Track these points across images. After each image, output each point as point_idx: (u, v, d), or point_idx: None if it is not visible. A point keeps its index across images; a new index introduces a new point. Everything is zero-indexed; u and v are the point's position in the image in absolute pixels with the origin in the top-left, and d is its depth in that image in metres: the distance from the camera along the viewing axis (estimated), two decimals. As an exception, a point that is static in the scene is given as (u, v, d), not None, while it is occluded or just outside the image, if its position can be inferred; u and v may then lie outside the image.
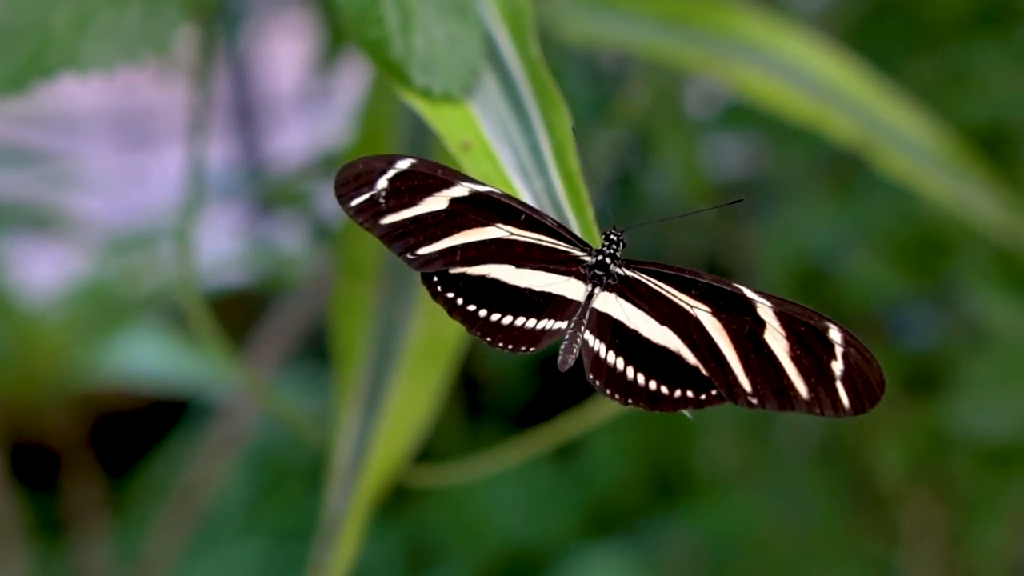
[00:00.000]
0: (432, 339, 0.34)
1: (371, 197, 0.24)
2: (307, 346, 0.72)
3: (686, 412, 0.23)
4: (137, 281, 0.75)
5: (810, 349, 0.22)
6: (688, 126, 0.62)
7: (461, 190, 0.23)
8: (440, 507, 0.84)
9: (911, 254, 0.51)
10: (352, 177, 0.24)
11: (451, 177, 0.24)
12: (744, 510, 0.74)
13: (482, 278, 0.24)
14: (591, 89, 0.63)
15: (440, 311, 0.34)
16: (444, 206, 0.23)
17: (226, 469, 0.71)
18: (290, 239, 0.87)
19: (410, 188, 0.24)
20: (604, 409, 0.40)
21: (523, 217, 0.24)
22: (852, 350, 0.22)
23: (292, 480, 0.90)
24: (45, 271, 0.85)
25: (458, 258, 0.24)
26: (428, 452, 0.38)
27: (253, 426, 0.71)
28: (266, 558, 0.83)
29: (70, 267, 0.79)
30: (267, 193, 0.72)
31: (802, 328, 0.22)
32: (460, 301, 0.24)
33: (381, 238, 0.24)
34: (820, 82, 0.39)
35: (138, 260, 0.75)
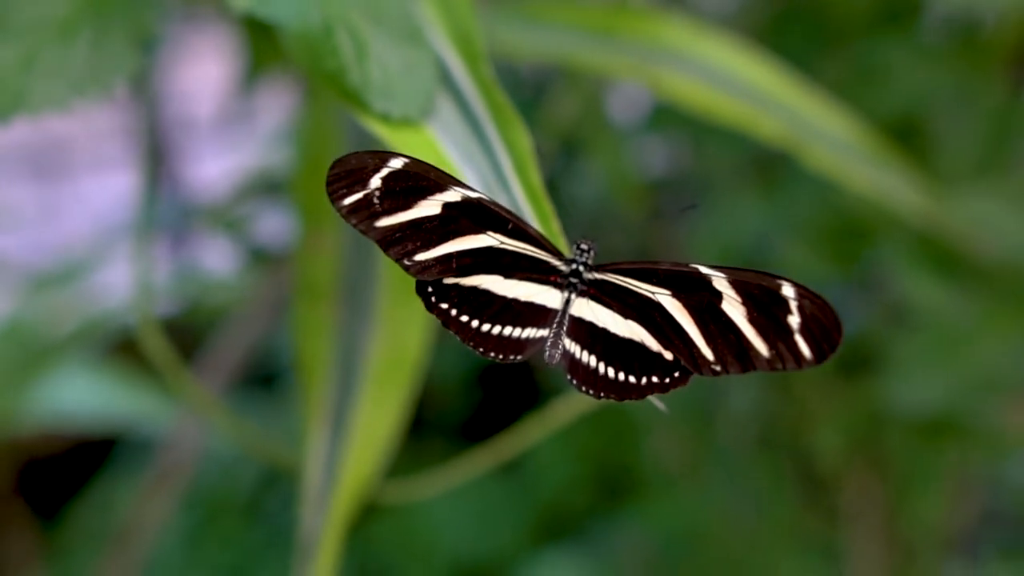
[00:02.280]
0: (394, 355, 0.36)
1: (365, 196, 0.24)
2: (244, 372, 0.72)
3: (653, 399, 0.25)
4: (59, 319, 0.74)
5: (766, 309, 0.24)
6: (613, 130, 0.65)
7: (454, 195, 0.25)
8: (388, 525, 0.84)
9: (836, 242, 0.54)
10: (344, 173, 0.24)
11: (444, 181, 0.24)
12: (691, 505, 0.76)
13: (474, 288, 0.25)
14: (512, 97, 0.65)
15: (400, 327, 0.36)
16: (438, 211, 0.24)
17: (166, 506, 0.71)
18: (215, 266, 0.87)
19: (404, 189, 0.24)
20: (550, 420, 0.42)
21: (510, 226, 0.25)
22: (806, 301, 0.24)
23: (228, 515, 0.89)
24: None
25: (454, 266, 0.25)
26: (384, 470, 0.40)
27: (192, 460, 0.71)
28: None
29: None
30: (193, 218, 0.72)
31: (756, 291, 0.24)
32: (454, 312, 0.25)
33: (377, 242, 0.25)
34: (745, 84, 0.42)
35: (60, 297, 0.75)
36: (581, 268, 0.25)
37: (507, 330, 0.25)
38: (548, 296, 0.25)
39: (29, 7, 0.30)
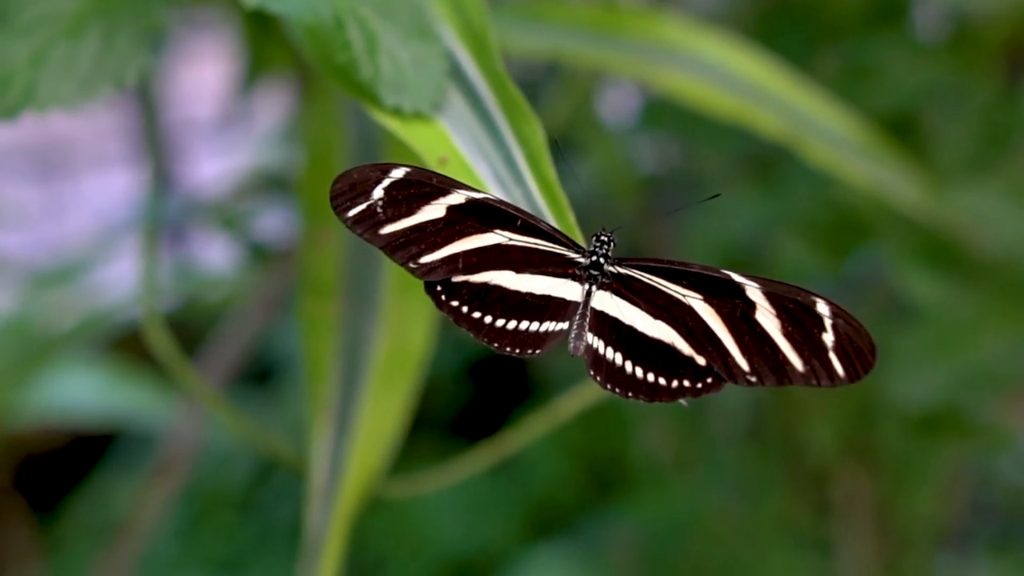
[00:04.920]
0: (397, 351, 0.35)
1: (368, 207, 0.24)
2: (240, 368, 0.72)
3: (683, 401, 0.24)
4: (61, 315, 0.74)
5: (800, 324, 0.23)
6: (606, 130, 0.64)
7: (458, 197, 0.24)
8: (381, 520, 0.84)
9: (831, 237, 0.53)
10: (347, 187, 0.24)
11: (446, 185, 0.24)
12: (682, 499, 0.75)
13: (485, 284, 0.25)
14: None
15: (403, 323, 0.35)
16: (442, 214, 0.24)
17: (163, 500, 0.70)
18: (213, 263, 0.86)
19: (407, 197, 0.24)
20: (547, 418, 0.41)
21: (519, 222, 0.24)
22: (840, 321, 0.23)
23: (224, 509, 0.89)
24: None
25: (460, 265, 0.24)
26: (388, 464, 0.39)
27: (190, 455, 0.71)
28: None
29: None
30: (192, 216, 0.71)
31: (791, 305, 0.24)
32: (465, 309, 0.24)
33: (382, 248, 0.24)
34: (744, 81, 0.41)
35: (61, 294, 0.74)
36: (602, 260, 0.25)
37: (523, 324, 0.25)
38: (567, 289, 0.25)
39: (38, 3, 0.29)
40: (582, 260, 0.25)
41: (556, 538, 0.83)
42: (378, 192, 0.24)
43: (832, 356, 0.23)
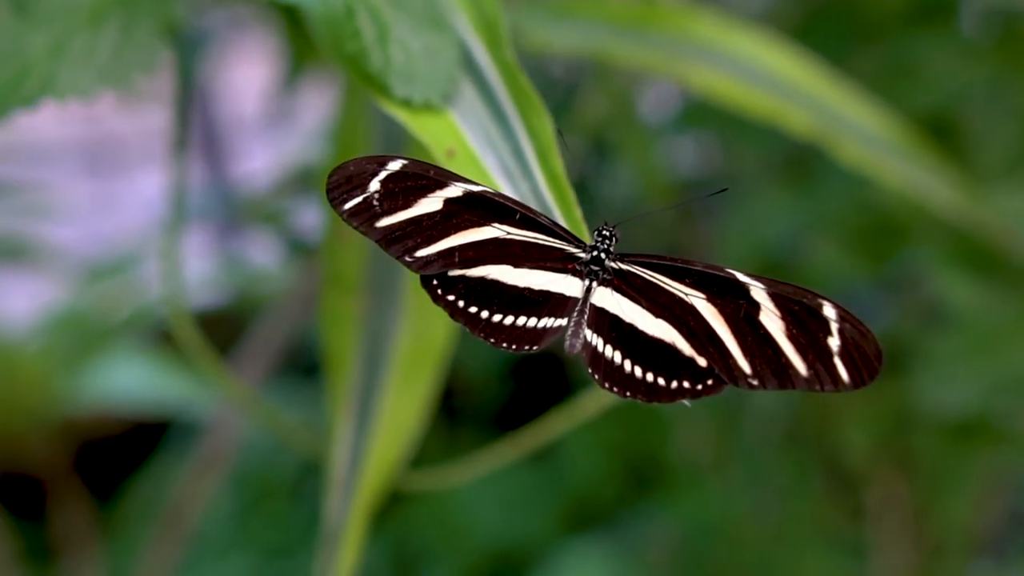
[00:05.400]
0: (419, 346, 0.34)
1: (365, 200, 0.23)
2: (286, 361, 0.71)
3: (685, 402, 0.23)
4: (114, 306, 0.74)
5: (806, 327, 0.22)
6: (644, 129, 0.62)
7: (455, 190, 0.23)
8: (422, 512, 0.83)
9: (867, 240, 0.51)
10: (344, 180, 0.23)
11: (444, 177, 0.23)
12: (718, 498, 0.74)
13: (482, 279, 0.23)
14: (544, 98, 0.63)
15: (425, 318, 0.34)
16: (439, 207, 0.23)
17: (212, 487, 0.70)
18: (261, 257, 0.86)
19: (404, 189, 0.23)
20: (580, 410, 0.40)
21: (518, 216, 0.23)
22: (847, 325, 0.22)
23: (276, 496, 0.89)
24: (21, 302, 0.83)
25: (456, 259, 0.23)
26: (409, 458, 0.38)
27: (237, 443, 0.70)
28: (255, 574, 0.82)
29: (46, 297, 0.78)
30: (240, 212, 0.71)
31: (796, 307, 0.22)
32: (461, 304, 0.23)
33: (378, 241, 0.23)
34: (776, 78, 0.39)
35: (114, 286, 0.74)
36: (603, 255, 0.23)
37: (521, 320, 0.23)
38: (566, 284, 0.24)
39: (59, -7, 0.28)
40: (583, 255, 0.24)
41: (593, 533, 0.82)
42: (374, 184, 0.23)
43: (837, 361, 0.22)
